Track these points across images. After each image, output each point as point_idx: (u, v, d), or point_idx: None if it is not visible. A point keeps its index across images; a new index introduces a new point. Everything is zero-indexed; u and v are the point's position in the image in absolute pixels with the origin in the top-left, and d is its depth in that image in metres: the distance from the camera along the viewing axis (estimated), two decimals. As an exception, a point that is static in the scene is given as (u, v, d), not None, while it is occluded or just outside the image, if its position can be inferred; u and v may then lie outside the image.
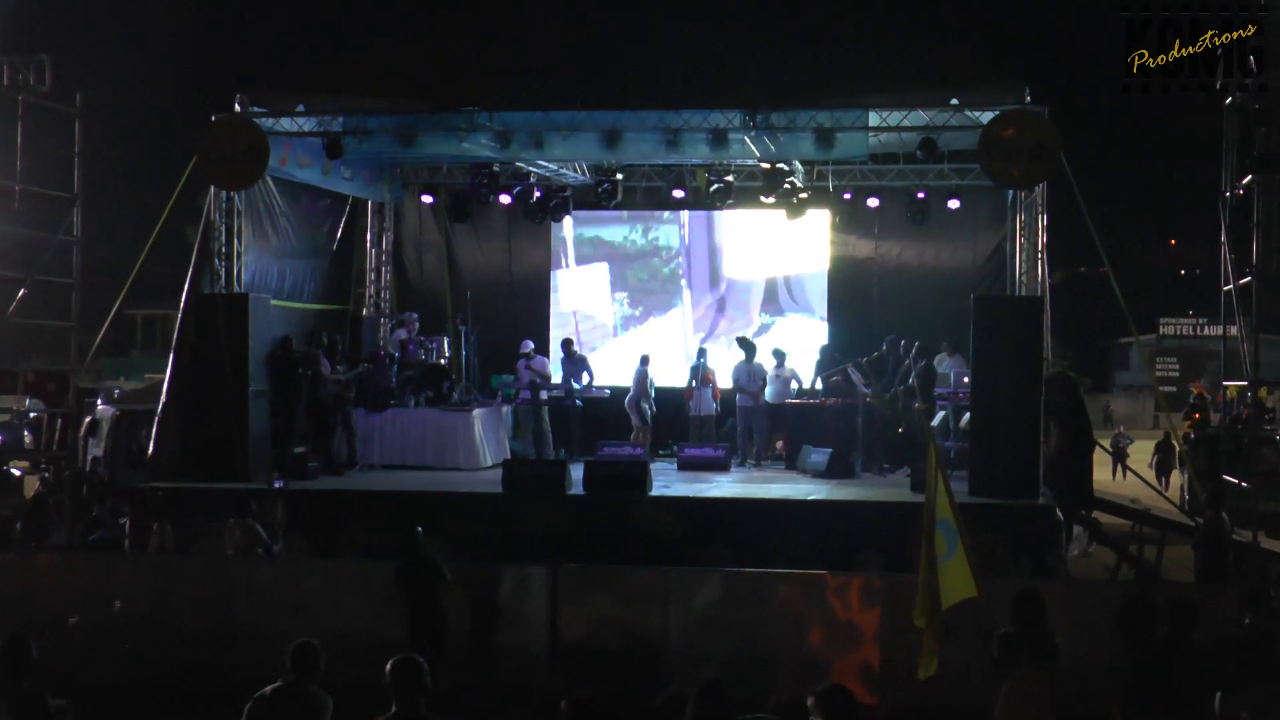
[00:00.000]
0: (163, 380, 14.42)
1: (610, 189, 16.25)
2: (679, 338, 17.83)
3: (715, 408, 15.96)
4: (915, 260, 17.31)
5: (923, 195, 16.27)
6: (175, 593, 10.60)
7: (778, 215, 16.43)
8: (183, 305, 14.24)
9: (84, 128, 14.86)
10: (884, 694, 9.29)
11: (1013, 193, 15.01)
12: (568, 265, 18.26)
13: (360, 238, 18.24)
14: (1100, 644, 8.25)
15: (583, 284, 18.23)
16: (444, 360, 16.44)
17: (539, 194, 16.93)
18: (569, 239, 18.22)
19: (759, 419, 15.73)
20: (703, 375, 15.86)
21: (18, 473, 17.24)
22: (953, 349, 15.26)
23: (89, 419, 17.10)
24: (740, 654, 9.40)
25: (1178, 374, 46.04)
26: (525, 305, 18.09)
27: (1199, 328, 48.80)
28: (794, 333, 16.84)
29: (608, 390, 16.07)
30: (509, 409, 16.23)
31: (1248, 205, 12.49)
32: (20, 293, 14.30)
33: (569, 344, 16.28)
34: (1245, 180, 12.45)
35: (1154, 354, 46.53)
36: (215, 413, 13.53)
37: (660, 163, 16.56)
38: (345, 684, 6.16)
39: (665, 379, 16.51)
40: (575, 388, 15.80)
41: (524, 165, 16.37)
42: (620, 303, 18.16)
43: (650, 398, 16.10)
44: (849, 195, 16.68)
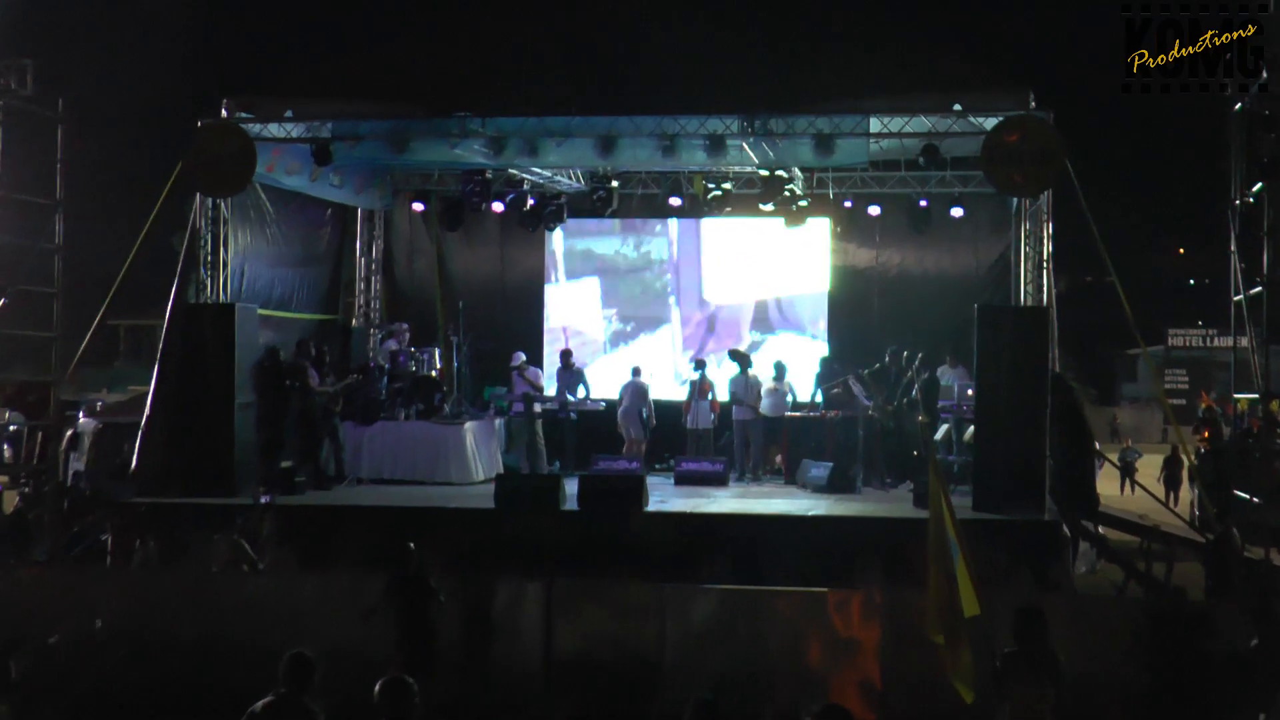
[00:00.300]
0: (147, 392, 14.42)
1: (605, 196, 16.29)
2: (668, 355, 17.89)
3: (713, 421, 15.97)
4: (917, 269, 17.34)
5: (925, 203, 16.34)
6: (160, 609, 10.56)
7: (771, 228, 16.52)
8: (168, 315, 14.28)
9: (67, 133, 14.81)
10: (885, 711, 9.26)
11: (1017, 200, 15.07)
12: (557, 280, 18.28)
13: (350, 246, 18.24)
14: (1108, 661, 8.25)
15: (573, 300, 18.26)
16: (435, 372, 16.46)
17: (533, 201, 17.00)
18: (559, 252, 18.22)
19: (756, 432, 15.73)
20: (700, 388, 15.84)
21: (-3, 487, 17.21)
22: (956, 360, 15.30)
23: (70, 432, 17.07)
24: (737, 672, 9.38)
25: (1186, 386, 46.03)
26: (518, 315, 18.12)
27: (1208, 338, 48.79)
28: (785, 351, 16.86)
29: (603, 403, 16.10)
30: (501, 422, 16.24)
31: (1258, 213, 12.51)
32: (0, 302, 14.31)
33: (568, 355, 16.30)
34: (1255, 188, 12.48)
35: (1162, 365, 46.52)
36: (200, 425, 13.58)
37: (657, 169, 16.58)
38: (333, 703, 6.12)
39: (655, 393, 16.52)
40: (570, 400, 15.77)
41: (517, 172, 16.43)
42: (610, 319, 18.18)
43: (651, 408, 16.08)
44: (849, 203, 16.78)
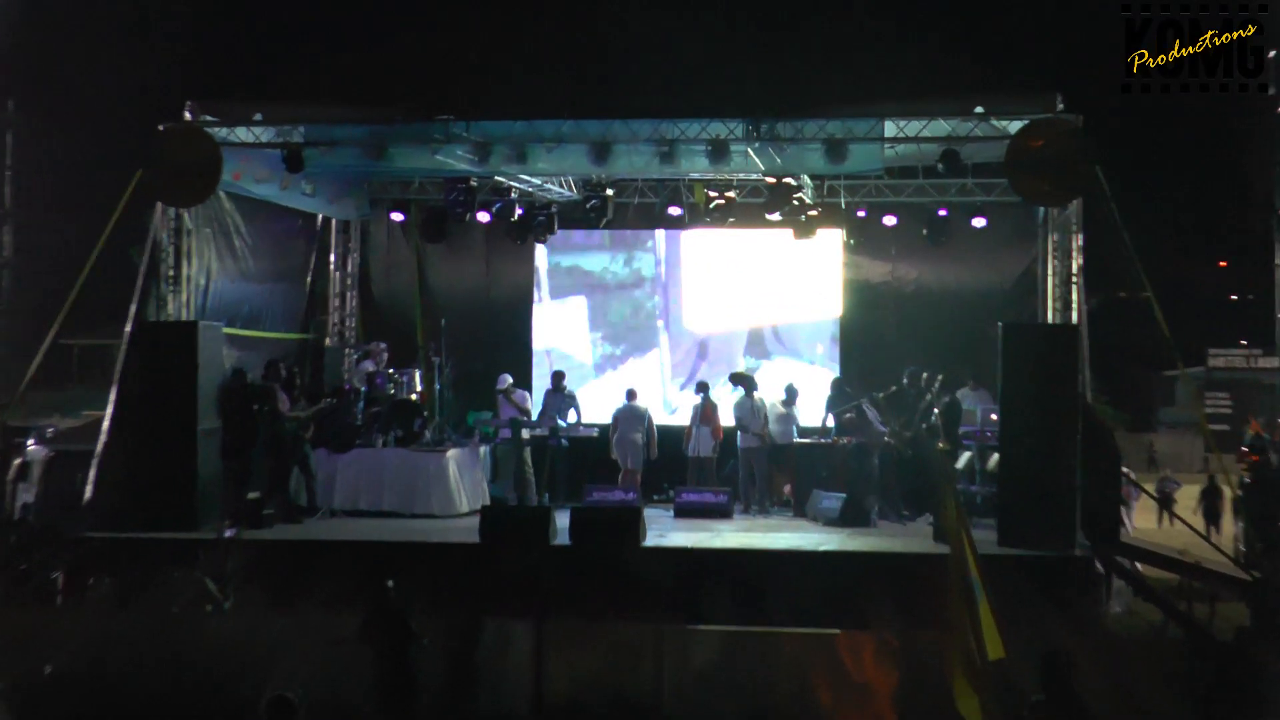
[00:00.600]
0: (103, 417, 14.38)
1: (599, 206, 16.21)
2: (657, 382, 17.91)
3: (715, 449, 15.95)
4: (936, 284, 17.30)
5: (944, 212, 16.32)
6: (116, 653, 10.49)
7: (771, 243, 16.45)
8: (126, 334, 14.27)
9: (17, 137, 14.90)
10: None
11: (1044, 210, 15.03)
12: (541, 299, 18.33)
13: (323, 260, 18.21)
14: (1145, 709, 8.29)
15: (558, 320, 18.28)
16: (415, 395, 16.36)
17: (521, 211, 16.96)
18: (543, 269, 18.27)
19: (762, 461, 15.71)
20: (702, 413, 15.82)
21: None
22: (978, 383, 15.29)
23: (19, 461, 16.89)
24: (740, 718, 9.39)
25: (1229, 410, 45.95)
26: (505, 334, 18.08)
27: (1252, 359, 48.75)
28: (782, 378, 16.80)
29: (596, 429, 16.08)
30: (487, 449, 16.19)
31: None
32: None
33: (560, 377, 16.28)
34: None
35: (1202, 388, 46.41)
36: (160, 454, 13.53)
37: (655, 177, 16.60)
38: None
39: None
40: (560, 425, 15.77)
41: (504, 180, 16.41)
42: (596, 342, 18.21)
43: (654, 435, 16.04)
44: (863, 212, 16.72)
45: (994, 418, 14.10)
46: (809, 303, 17.61)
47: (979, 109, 13.57)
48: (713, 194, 16.11)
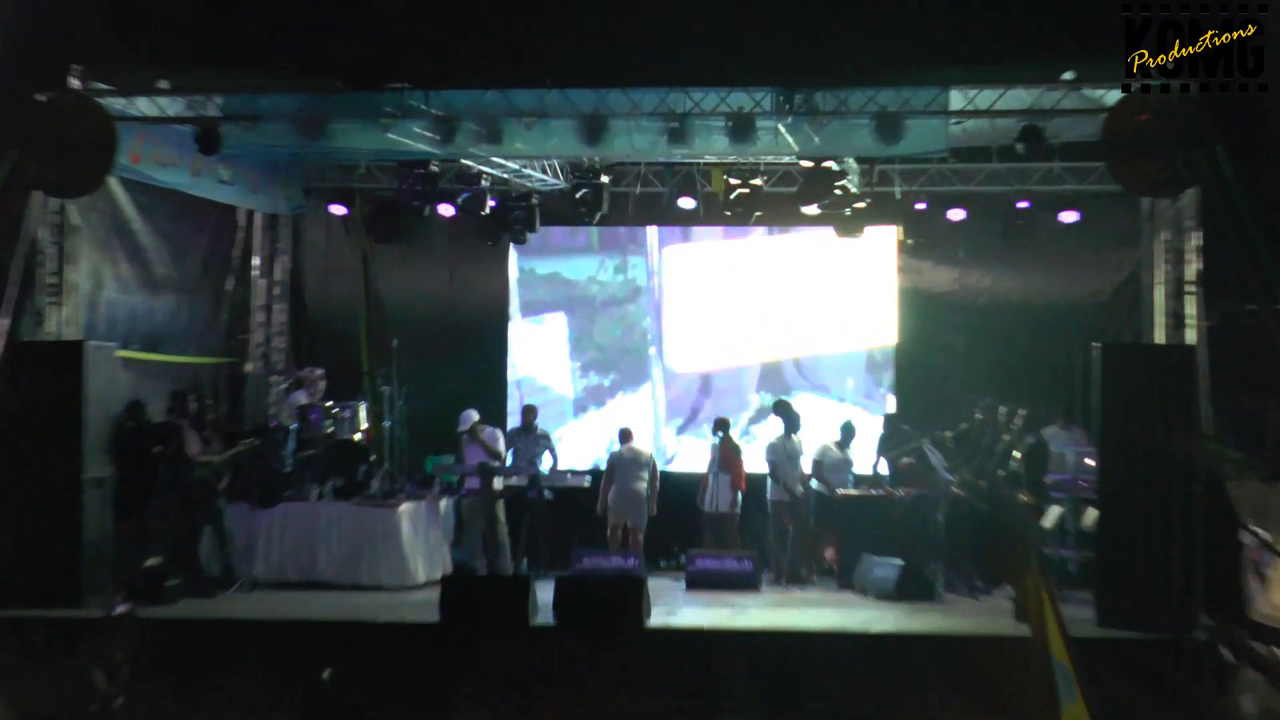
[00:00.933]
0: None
1: (592, 196, 16.11)
2: (648, 423, 17.93)
3: (739, 502, 15.81)
4: (1016, 295, 17.23)
5: (1025, 204, 16.26)
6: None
7: (802, 245, 16.41)
8: (-8, 356, 14.03)
9: None
10: None
11: (1150, 202, 14.99)
12: (511, 317, 18.38)
13: (245, 264, 18.06)
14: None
15: (532, 343, 18.21)
16: (359, 435, 16.29)
17: (494, 204, 16.86)
18: (512, 278, 18.28)
19: (800, 517, 15.57)
20: (721, 457, 15.67)
21: None
22: (1070, 419, 15.25)
23: None
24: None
25: (1387, 453, 45.63)
26: (474, 358, 18.02)
27: None
28: (816, 416, 16.87)
29: (587, 478, 16.03)
30: (450, 503, 16.05)
31: None
32: None
33: (531, 413, 16.31)
34: None
35: (1351, 426, 45.99)
36: (35, 509, 13.35)
37: (662, 161, 16.41)
38: None
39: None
40: (541, 473, 15.65)
41: (473, 165, 16.26)
42: (578, 371, 18.18)
43: (656, 484, 16.03)
44: (923, 205, 16.68)
45: (1090, 463, 14.13)
46: (846, 324, 17.56)
47: (1068, 74, 13.47)
48: (734, 182, 15.93)
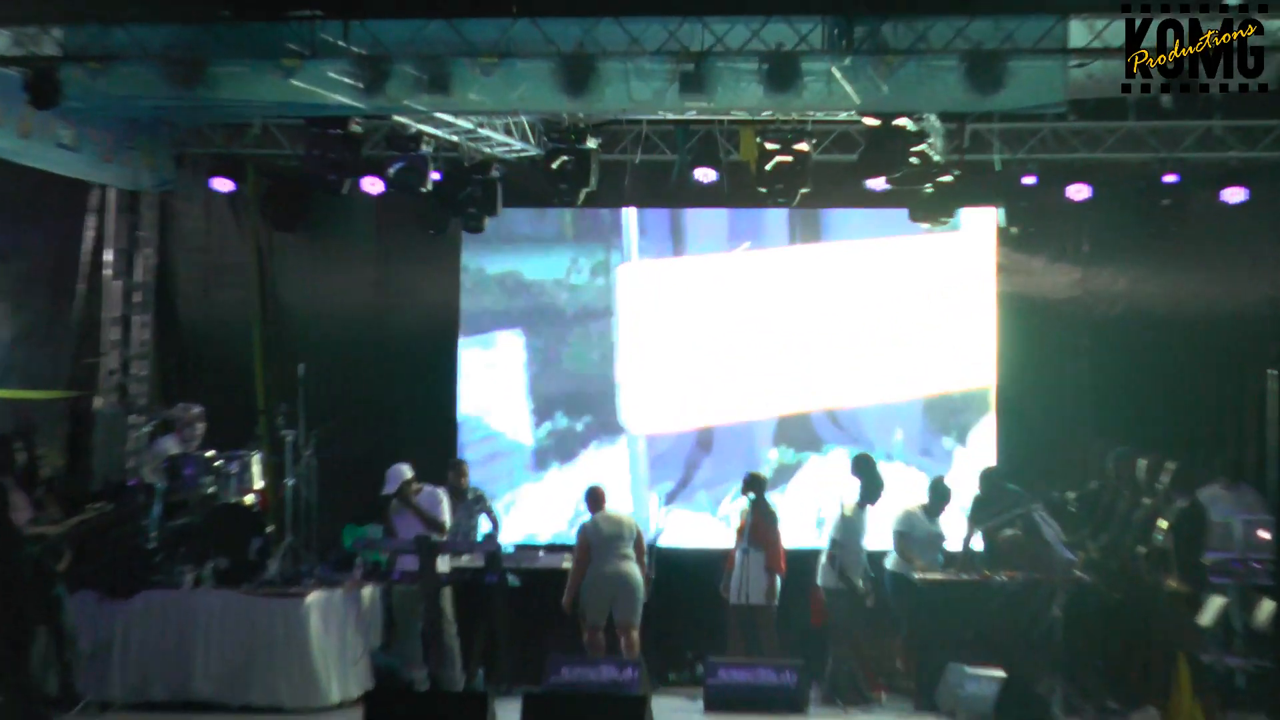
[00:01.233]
0: None
1: (575, 167, 14.54)
2: (624, 486, 16.33)
3: (777, 590, 14.55)
4: (1161, 303, 15.91)
5: (1174, 178, 14.99)
6: None
7: (879, 225, 15.68)
8: None
9: None
10: None
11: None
12: (462, 333, 17.01)
13: (94, 261, 16.52)
14: None
15: (477, 372, 16.81)
16: (252, 497, 15.04)
17: (438, 177, 15.35)
18: (462, 279, 16.94)
19: (861, 612, 14.35)
20: (752, 529, 14.38)
21: None
22: (1235, 476, 14.26)
23: None
24: None
25: None
26: (412, 390, 16.56)
27: None
28: (834, 473, 15.59)
29: (563, 558, 14.84)
30: (377, 591, 14.71)
31: None
32: None
33: (461, 469, 15.16)
34: None
35: None
36: None
37: (670, 118, 14.84)
38: None
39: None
40: (504, 551, 14.55)
41: (410, 123, 14.82)
42: (537, 411, 16.70)
43: (649, 564, 14.66)
44: (1031, 179, 15.34)
45: (1265, 535, 13.17)
46: (909, 361, 16.18)
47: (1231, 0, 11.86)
48: (771, 147, 14.29)
